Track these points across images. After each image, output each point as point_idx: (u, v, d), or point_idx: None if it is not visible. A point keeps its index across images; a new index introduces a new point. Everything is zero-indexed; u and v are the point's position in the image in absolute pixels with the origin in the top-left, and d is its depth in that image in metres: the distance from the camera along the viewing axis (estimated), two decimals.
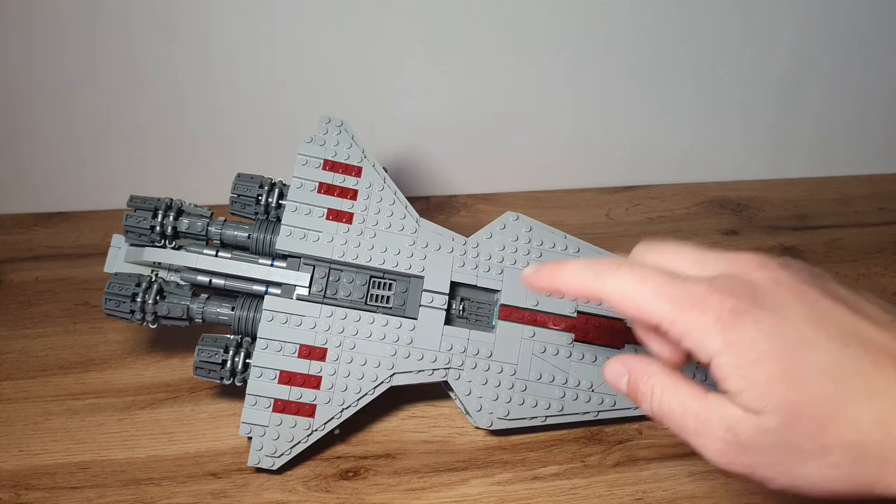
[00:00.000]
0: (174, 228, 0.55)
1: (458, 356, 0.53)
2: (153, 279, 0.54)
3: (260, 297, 0.53)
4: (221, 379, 0.52)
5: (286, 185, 0.56)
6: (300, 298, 0.53)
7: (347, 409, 0.52)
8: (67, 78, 0.69)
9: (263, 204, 0.56)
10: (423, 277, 0.54)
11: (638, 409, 0.54)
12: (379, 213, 0.55)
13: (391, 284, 0.54)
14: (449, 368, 0.53)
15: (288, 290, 0.53)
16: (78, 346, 0.61)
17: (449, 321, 0.54)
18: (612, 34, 0.73)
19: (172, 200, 0.55)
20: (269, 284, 0.54)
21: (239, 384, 0.52)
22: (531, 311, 0.55)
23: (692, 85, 0.77)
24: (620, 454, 0.54)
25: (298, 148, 0.56)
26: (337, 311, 0.53)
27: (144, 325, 0.53)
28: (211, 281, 0.54)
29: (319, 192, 0.55)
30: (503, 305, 0.55)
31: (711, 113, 0.79)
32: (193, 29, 0.67)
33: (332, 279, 0.54)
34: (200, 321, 0.54)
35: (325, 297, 0.53)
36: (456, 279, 0.55)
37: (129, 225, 0.54)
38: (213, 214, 0.56)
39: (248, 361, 0.51)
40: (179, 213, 0.55)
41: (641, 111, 0.78)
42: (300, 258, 0.54)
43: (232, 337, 0.53)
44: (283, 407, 0.51)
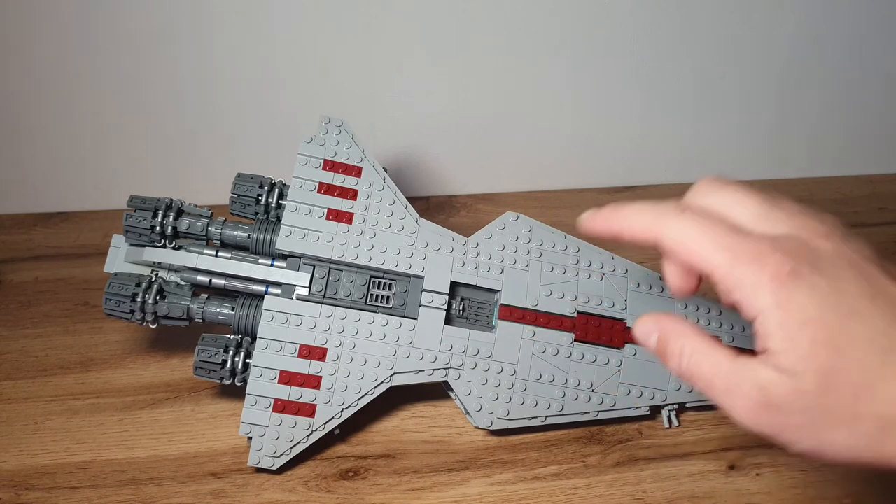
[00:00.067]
0: (174, 228, 0.55)
1: (458, 356, 0.53)
2: (153, 279, 0.54)
3: (260, 297, 0.54)
4: (221, 379, 0.52)
5: (286, 185, 0.56)
6: (300, 298, 0.53)
7: (347, 409, 0.52)
8: (67, 78, 0.69)
9: (263, 204, 0.56)
10: (423, 277, 0.54)
11: (638, 409, 0.55)
12: (379, 213, 0.55)
13: (391, 284, 0.54)
14: (449, 368, 0.53)
15: (288, 290, 0.53)
16: (78, 346, 0.61)
17: (449, 321, 0.54)
18: (612, 34, 0.73)
19: (172, 200, 0.55)
20: (269, 284, 0.54)
21: (239, 384, 0.52)
22: (531, 311, 0.55)
23: (692, 85, 0.77)
24: (620, 454, 0.54)
25: (298, 148, 0.56)
26: (337, 311, 0.53)
27: (144, 325, 0.53)
28: (211, 281, 0.54)
29: (319, 192, 0.55)
30: (503, 305, 0.55)
31: (711, 113, 0.79)
32: (193, 29, 0.67)
33: (332, 279, 0.54)
34: (200, 321, 0.54)
35: (325, 297, 0.53)
36: (456, 279, 0.55)
37: (129, 225, 0.54)
38: (213, 214, 0.56)
39: (248, 361, 0.51)
40: (179, 213, 0.55)
41: (641, 111, 0.78)
42: (300, 258, 0.54)
43: (232, 337, 0.53)
44: (283, 407, 0.51)
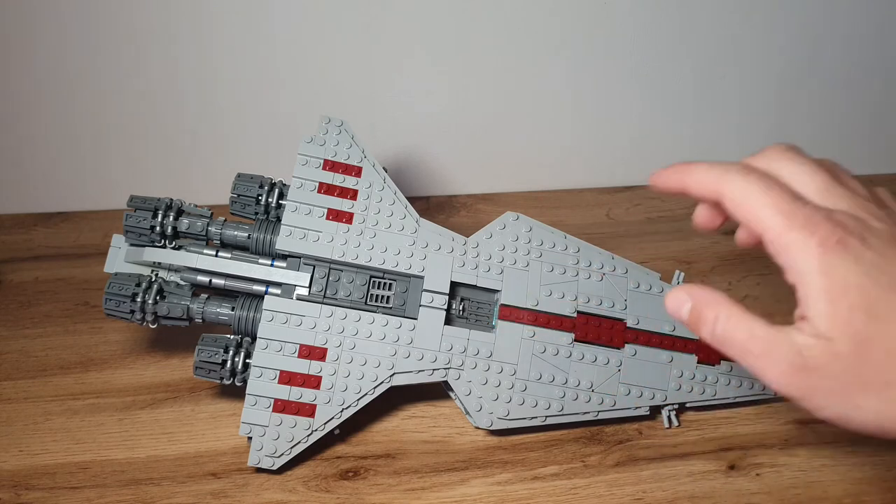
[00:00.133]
0: (174, 228, 0.55)
1: (458, 356, 0.53)
2: (153, 279, 0.54)
3: (260, 297, 0.53)
4: (221, 379, 0.52)
5: (286, 185, 0.56)
6: (300, 298, 0.53)
7: (347, 409, 0.52)
8: (67, 78, 0.69)
9: (263, 204, 0.56)
10: (423, 277, 0.54)
11: (638, 409, 0.55)
12: (379, 213, 0.55)
13: (391, 284, 0.54)
14: (449, 368, 0.53)
15: (288, 290, 0.53)
16: (78, 346, 0.61)
17: (449, 321, 0.54)
18: (612, 34, 0.73)
19: (172, 200, 0.55)
20: (269, 284, 0.54)
21: (239, 384, 0.52)
22: (531, 311, 0.55)
23: (692, 85, 0.77)
24: (620, 454, 0.54)
25: (298, 148, 0.56)
26: (337, 311, 0.53)
27: (144, 325, 0.53)
28: (211, 281, 0.54)
29: (319, 192, 0.55)
30: (503, 305, 0.55)
31: (711, 113, 0.79)
32: (193, 29, 0.67)
33: (332, 279, 0.54)
34: (200, 321, 0.54)
35: (325, 297, 0.53)
36: (456, 279, 0.55)
37: (129, 225, 0.54)
38: (213, 214, 0.56)
39: (248, 361, 0.51)
40: (179, 213, 0.55)
41: (641, 111, 0.78)
42: (300, 258, 0.54)
43: (232, 337, 0.53)
44: (283, 407, 0.51)
